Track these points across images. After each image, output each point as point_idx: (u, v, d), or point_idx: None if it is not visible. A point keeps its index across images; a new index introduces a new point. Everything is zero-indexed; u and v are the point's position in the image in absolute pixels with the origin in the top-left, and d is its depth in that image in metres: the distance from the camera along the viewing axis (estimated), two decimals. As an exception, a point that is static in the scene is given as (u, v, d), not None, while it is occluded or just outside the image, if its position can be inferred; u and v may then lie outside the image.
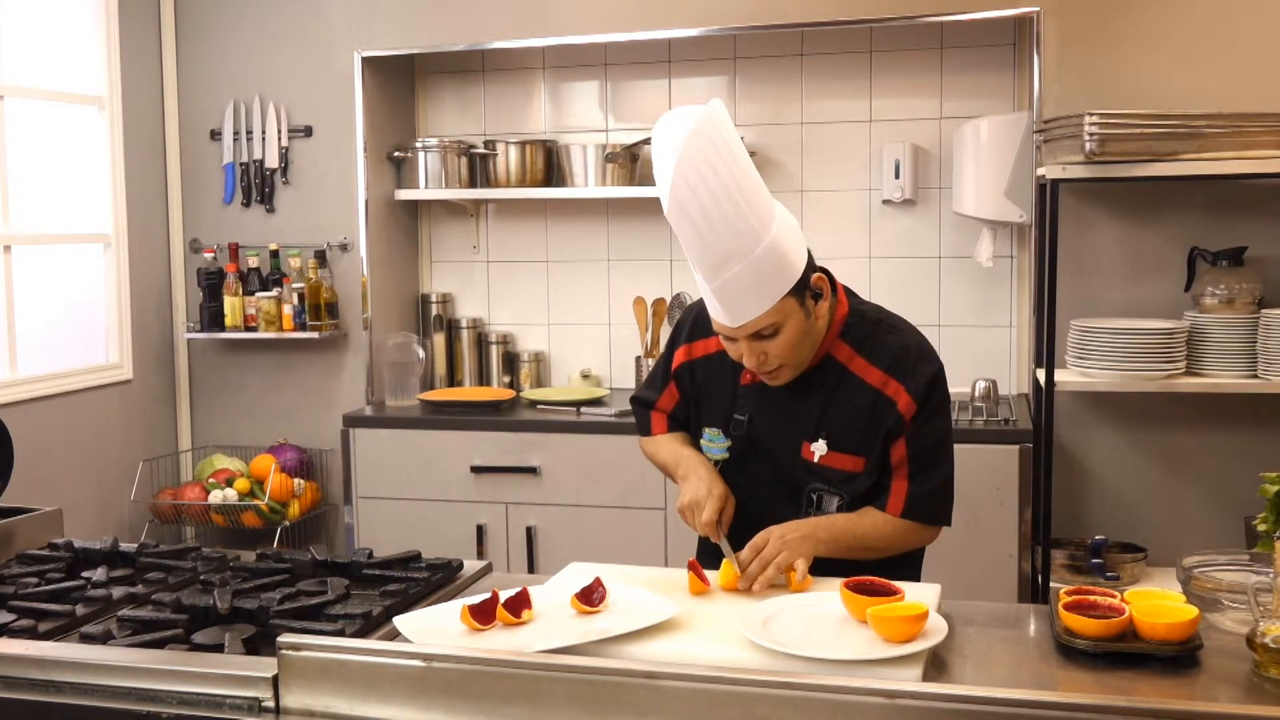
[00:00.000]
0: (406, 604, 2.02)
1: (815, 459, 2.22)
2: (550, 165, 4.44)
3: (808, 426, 2.23)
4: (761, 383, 2.24)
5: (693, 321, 2.38)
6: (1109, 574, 3.54)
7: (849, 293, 2.30)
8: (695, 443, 2.38)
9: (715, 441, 2.32)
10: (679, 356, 2.37)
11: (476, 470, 4.03)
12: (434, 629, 1.84)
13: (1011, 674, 1.79)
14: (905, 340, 2.24)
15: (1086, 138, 3.30)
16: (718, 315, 2.12)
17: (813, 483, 2.24)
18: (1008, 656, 1.88)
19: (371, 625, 1.91)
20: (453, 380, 4.62)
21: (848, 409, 2.20)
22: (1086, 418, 3.90)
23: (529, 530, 4.01)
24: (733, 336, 2.14)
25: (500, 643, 1.78)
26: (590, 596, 1.90)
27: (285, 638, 1.64)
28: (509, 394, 4.36)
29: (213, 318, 4.50)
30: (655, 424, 2.44)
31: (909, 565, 2.33)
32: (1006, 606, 2.55)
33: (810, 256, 2.15)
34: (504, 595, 1.89)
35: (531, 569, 3.98)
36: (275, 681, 1.63)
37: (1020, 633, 2.00)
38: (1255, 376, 3.50)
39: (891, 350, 2.21)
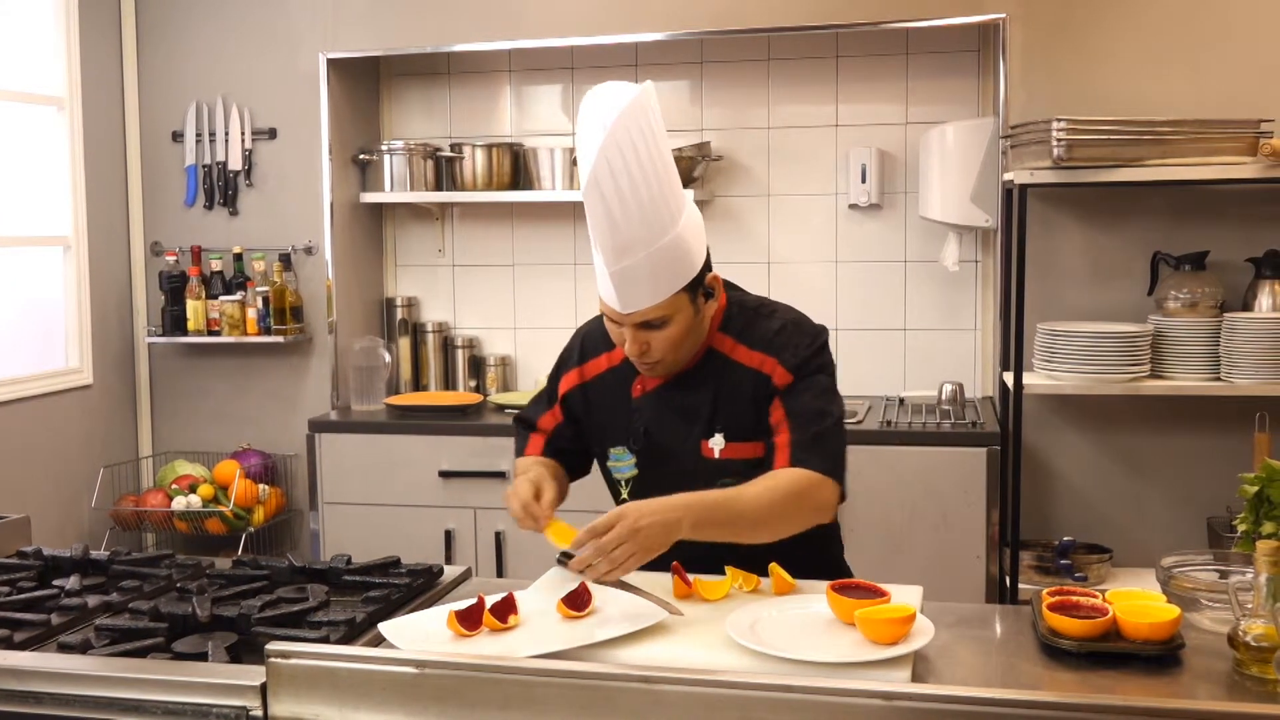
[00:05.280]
0: (389, 610, 2.00)
1: (716, 454, 2.19)
2: (517, 168, 4.43)
3: (702, 424, 2.20)
4: (653, 392, 2.23)
5: (581, 344, 2.35)
6: (1077, 575, 3.58)
7: (729, 285, 2.27)
8: (566, 467, 2.37)
9: (622, 459, 2.29)
10: (569, 380, 2.34)
11: (444, 475, 4.01)
12: (420, 635, 1.83)
13: (997, 674, 1.81)
14: (781, 320, 2.22)
15: (1054, 143, 3.34)
16: (609, 299, 2.10)
17: (721, 478, 2.16)
18: (991, 657, 1.90)
19: (356, 632, 1.89)
20: (418, 384, 4.59)
21: (735, 397, 2.18)
22: (1052, 420, 3.94)
23: (498, 535, 3.99)
24: (619, 322, 2.12)
25: (488, 648, 1.77)
26: (577, 601, 1.89)
27: (274, 645, 1.62)
28: (476, 398, 4.34)
29: (175, 321, 4.44)
30: (531, 445, 2.40)
31: (829, 563, 2.30)
32: (984, 607, 2.58)
33: (709, 256, 2.15)
34: (490, 600, 1.88)
35: (500, 574, 3.96)
36: (263, 690, 1.61)
37: (1000, 633, 2.01)
38: (1218, 379, 3.56)
39: (769, 332, 2.20)
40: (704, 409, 2.20)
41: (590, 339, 2.34)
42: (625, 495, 2.30)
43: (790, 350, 2.16)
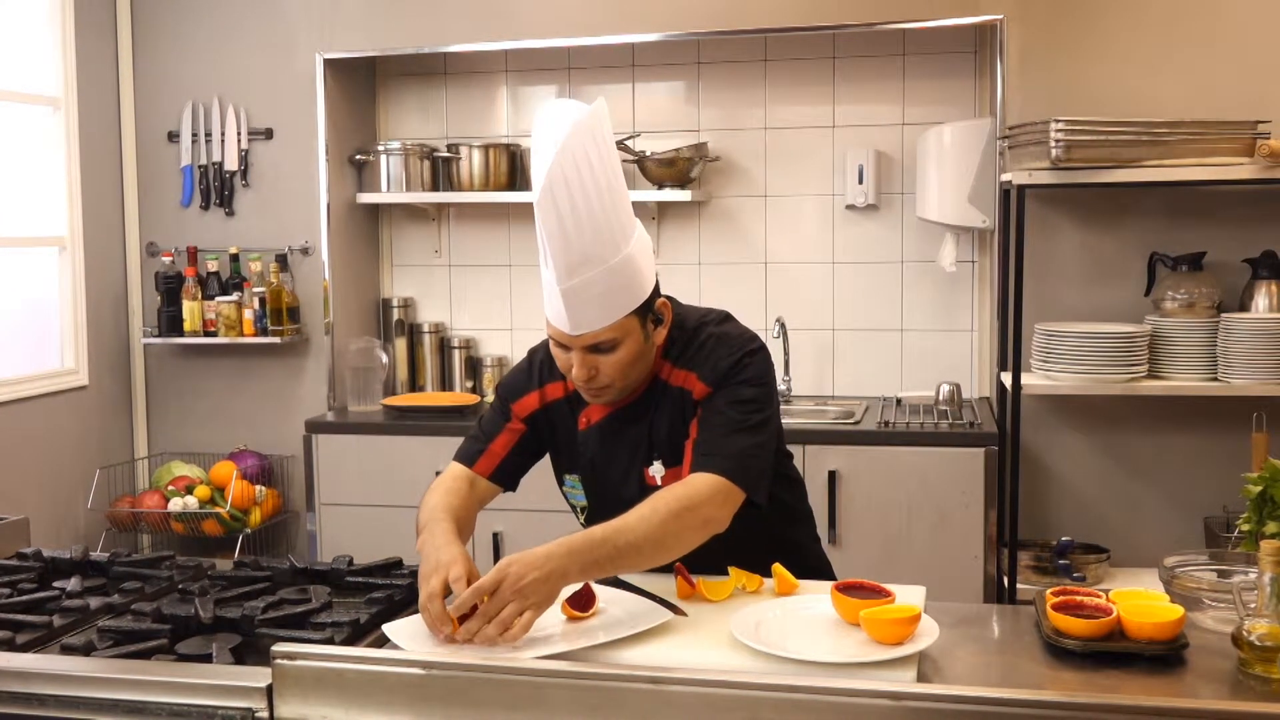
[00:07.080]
0: (392, 611, 2.00)
1: (658, 481, 2.15)
2: (513, 169, 4.42)
3: (642, 452, 2.17)
4: (597, 425, 2.19)
5: (539, 368, 2.28)
6: (1075, 575, 3.58)
7: (672, 302, 2.20)
8: (504, 481, 2.29)
9: (576, 488, 2.27)
10: (530, 402, 2.26)
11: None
12: (424, 636, 1.82)
13: (1002, 674, 1.80)
14: (708, 334, 2.16)
15: (1053, 144, 3.35)
16: (559, 321, 2.04)
17: None
18: (995, 657, 1.90)
19: (359, 633, 1.88)
20: (415, 385, 4.59)
21: (669, 421, 2.15)
22: (1050, 420, 3.95)
23: (495, 536, 3.98)
24: (567, 345, 2.07)
25: (494, 650, 1.77)
26: (582, 602, 1.89)
27: (280, 646, 1.61)
28: (473, 399, 4.34)
29: (171, 322, 4.43)
30: (483, 461, 2.28)
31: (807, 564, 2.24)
32: (984, 607, 2.58)
33: (658, 281, 2.12)
34: (494, 601, 1.87)
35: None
36: (269, 691, 1.61)
37: (1002, 633, 2.02)
38: (1215, 379, 3.57)
39: (694, 348, 2.15)
40: (642, 437, 2.17)
41: (545, 364, 2.27)
42: (582, 521, 2.28)
43: (710, 364, 2.11)
